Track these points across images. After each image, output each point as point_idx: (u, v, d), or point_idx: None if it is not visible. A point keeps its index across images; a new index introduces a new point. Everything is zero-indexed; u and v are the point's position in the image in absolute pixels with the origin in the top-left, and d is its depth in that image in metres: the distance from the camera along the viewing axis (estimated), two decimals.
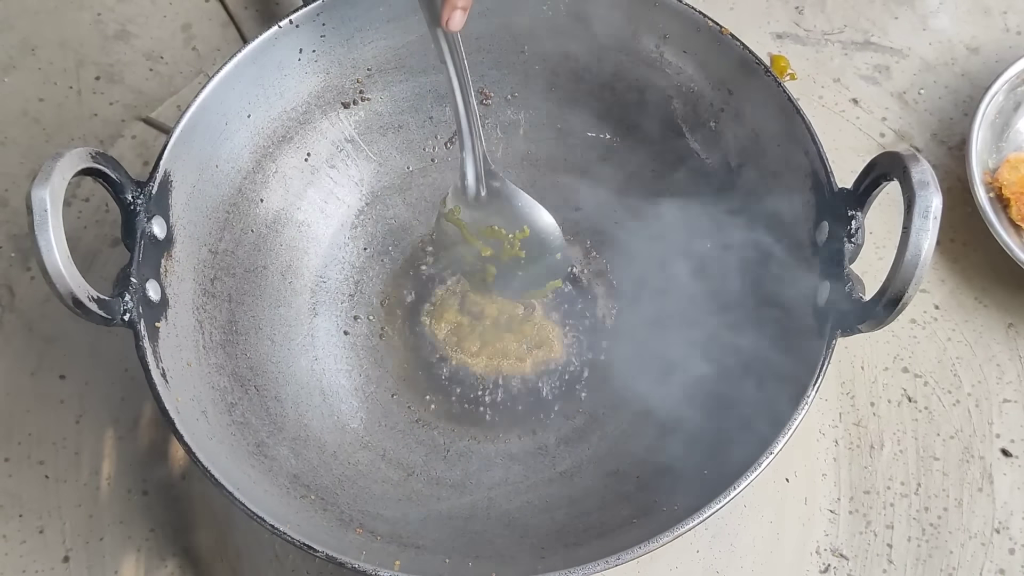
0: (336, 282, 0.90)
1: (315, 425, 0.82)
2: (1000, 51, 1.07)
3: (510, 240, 0.85)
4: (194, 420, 0.70)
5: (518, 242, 0.85)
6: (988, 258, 0.95)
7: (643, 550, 0.64)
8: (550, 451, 0.84)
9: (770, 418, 0.69)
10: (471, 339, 0.88)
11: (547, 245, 0.85)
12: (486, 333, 0.88)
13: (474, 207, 0.83)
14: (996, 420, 0.89)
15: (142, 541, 0.84)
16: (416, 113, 0.92)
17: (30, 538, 0.84)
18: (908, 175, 0.64)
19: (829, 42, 1.08)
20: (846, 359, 0.91)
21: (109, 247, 0.95)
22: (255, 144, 0.84)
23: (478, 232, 0.85)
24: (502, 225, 0.84)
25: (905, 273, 0.62)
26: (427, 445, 0.84)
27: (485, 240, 0.85)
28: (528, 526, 0.77)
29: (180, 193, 0.76)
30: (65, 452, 0.87)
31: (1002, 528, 0.85)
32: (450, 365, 0.88)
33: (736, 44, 0.80)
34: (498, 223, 0.84)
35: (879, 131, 1.02)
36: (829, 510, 0.86)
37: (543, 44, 0.89)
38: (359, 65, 0.88)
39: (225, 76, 0.79)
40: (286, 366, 0.84)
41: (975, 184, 0.92)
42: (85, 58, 1.06)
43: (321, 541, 0.64)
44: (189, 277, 0.77)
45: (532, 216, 0.84)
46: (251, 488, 0.69)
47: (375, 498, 0.78)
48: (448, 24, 0.69)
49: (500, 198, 0.83)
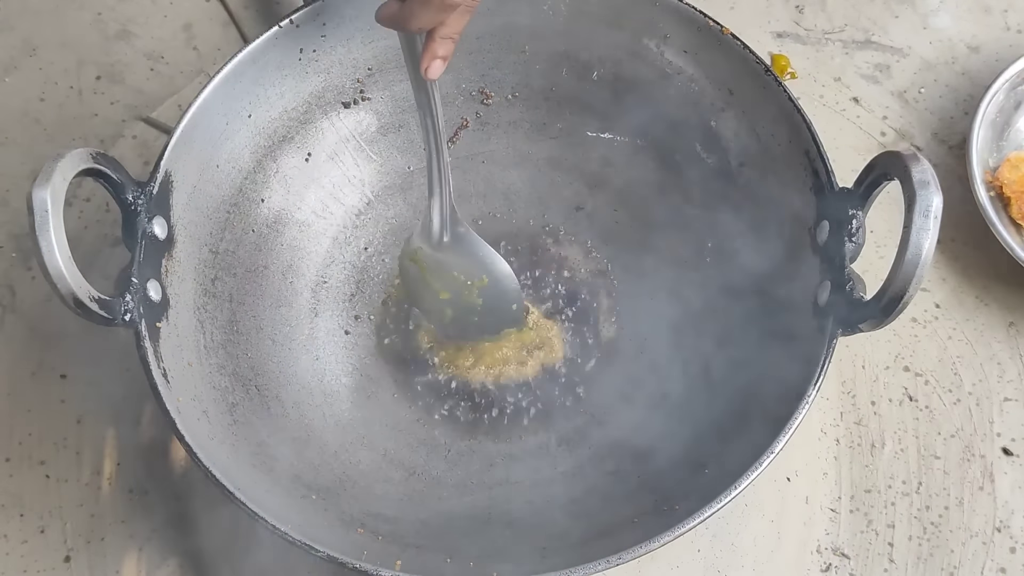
0: (337, 282, 0.90)
1: (316, 425, 0.82)
2: (1000, 50, 1.07)
3: (468, 287, 0.84)
4: (195, 420, 0.70)
5: (476, 290, 0.85)
6: (989, 257, 0.95)
7: (644, 549, 0.64)
8: (551, 451, 0.84)
9: (771, 417, 0.69)
10: (464, 354, 0.88)
11: (505, 295, 0.85)
12: (480, 348, 0.88)
13: (437, 250, 0.83)
14: (997, 419, 0.89)
15: (143, 541, 0.84)
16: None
17: (31, 538, 0.84)
18: (909, 174, 0.64)
19: (830, 41, 1.08)
20: (847, 358, 0.91)
21: (110, 247, 0.95)
22: (256, 144, 0.84)
23: (439, 275, 0.84)
24: (462, 272, 0.84)
25: (906, 272, 0.62)
26: (428, 445, 0.84)
27: (444, 284, 0.85)
28: (529, 526, 0.77)
29: (181, 193, 0.76)
30: (66, 452, 0.87)
31: (1003, 527, 0.85)
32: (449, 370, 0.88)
33: (737, 44, 0.80)
34: (459, 269, 0.84)
35: (880, 130, 1.02)
36: (830, 509, 0.86)
37: (544, 44, 0.89)
38: (360, 65, 0.88)
39: (226, 76, 0.79)
40: (287, 366, 0.84)
41: (976, 183, 0.92)
42: (86, 58, 1.06)
43: (322, 541, 0.64)
44: (190, 277, 0.77)
45: (492, 266, 0.83)
46: (252, 488, 0.68)
47: (376, 498, 0.78)
48: (427, 73, 0.69)
49: (463, 244, 0.83)
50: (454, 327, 0.87)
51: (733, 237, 0.84)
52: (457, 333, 0.87)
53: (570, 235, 0.93)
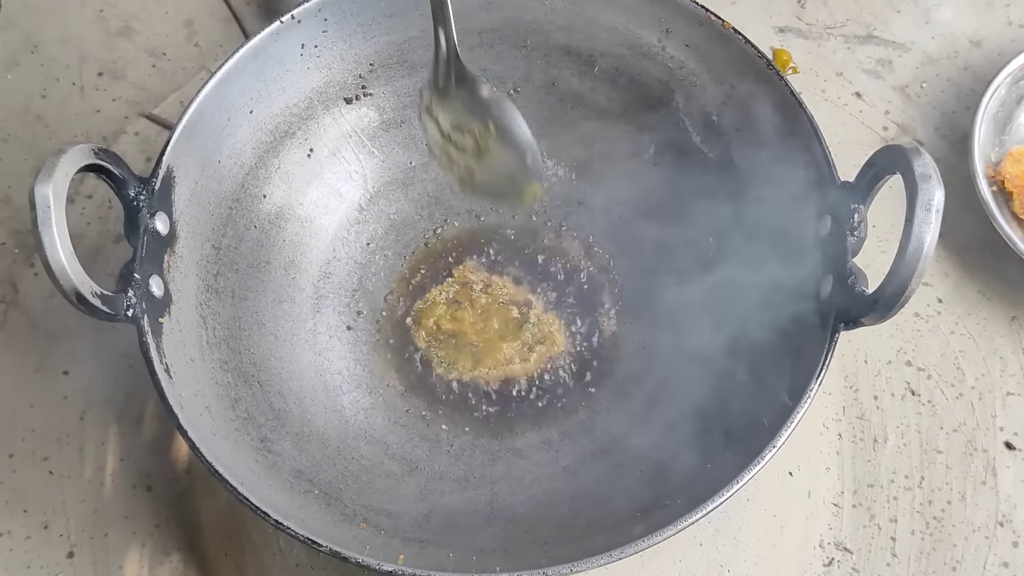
0: (339, 277, 0.90)
1: (319, 420, 0.82)
2: (1002, 44, 1.06)
3: (483, 132, 0.82)
4: (198, 416, 0.70)
5: (491, 136, 0.82)
6: (991, 251, 0.95)
7: (646, 544, 0.64)
8: (553, 445, 0.84)
9: (773, 412, 0.69)
10: (463, 358, 0.88)
11: (518, 141, 0.80)
12: (479, 351, 0.88)
13: (446, 97, 0.80)
14: (999, 413, 0.89)
15: (146, 536, 0.84)
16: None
17: (35, 534, 0.84)
18: (911, 168, 0.64)
19: (831, 36, 1.08)
20: (849, 352, 0.91)
21: (113, 243, 0.95)
22: (257, 140, 0.84)
23: (452, 117, 0.82)
24: (473, 115, 0.81)
25: (908, 267, 0.63)
26: (430, 440, 0.84)
27: (459, 132, 0.82)
28: (532, 520, 0.77)
29: (183, 189, 0.76)
30: (69, 448, 0.87)
31: (1005, 521, 0.85)
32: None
33: (738, 38, 0.80)
34: (469, 112, 0.81)
35: (882, 124, 1.02)
36: (833, 503, 0.86)
37: (546, 39, 0.89)
38: (361, 60, 0.88)
39: (227, 72, 0.79)
40: (289, 361, 0.84)
41: (978, 178, 0.92)
42: (88, 54, 1.06)
43: (325, 536, 0.64)
44: (192, 273, 0.78)
45: (500, 108, 0.80)
46: (255, 483, 0.69)
47: (379, 493, 0.78)
48: None
49: (468, 87, 0.79)
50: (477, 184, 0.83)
51: (735, 231, 0.84)
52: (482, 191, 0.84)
53: (572, 230, 0.93)
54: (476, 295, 0.90)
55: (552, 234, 0.93)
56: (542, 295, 0.90)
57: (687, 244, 0.87)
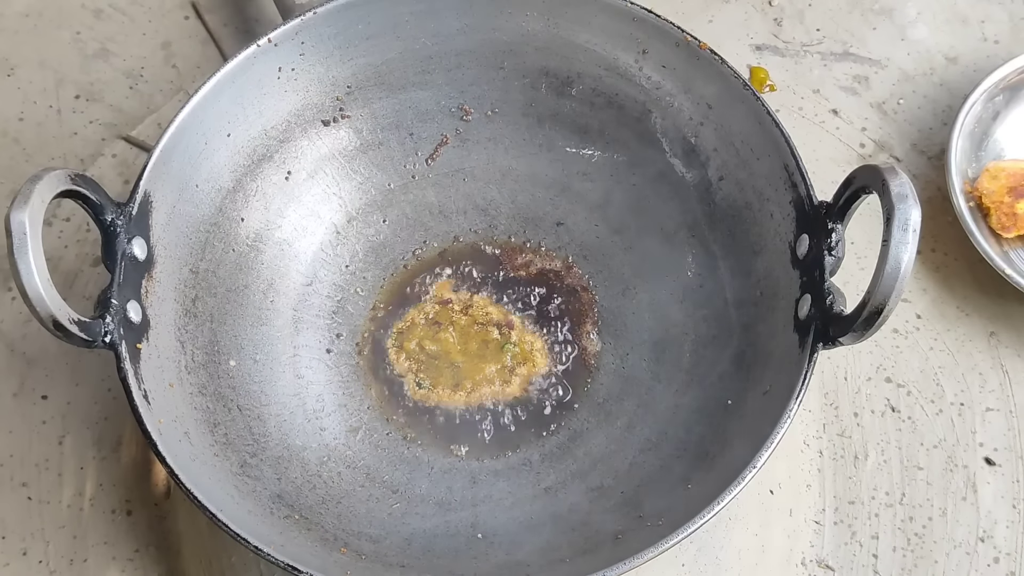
0: (318, 300, 0.90)
1: (298, 444, 0.81)
2: (978, 60, 1.07)
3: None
4: (176, 441, 0.70)
5: None
6: (969, 267, 0.95)
7: (628, 566, 0.64)
8: (534, 467, 0.84)
9: (753, 431, 0.69)
10: (444, 379, 0.88)
11: None
12: (459, 373, 0.88)
13: None
14: (979, 429, 0.89)
15: (126, 562, 0.84)
16: (396, 130, 0.92)
17: (13, 560, 0.84)
18: (887, 188, 0.64)
19: (808, 53, 1.09)
20: (829, 370, 0.91)
21: (90, 266, 0.95)
22: (235, 163, 0.84)
23: None
24: None
25: (885, 286, 0.63)
26: (411, 463, 0.84)
27: None
28: (513, 543, 0.77)
29: (160, 214, 0.76)
30: (48, 473, 0.87)
31: (986, 537, 0.85)
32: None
33: (715, 59, 0.81)
34: None
35: (859, 141, 1.03)
36: (814, 521, 0.86)
37: (523, 60, 0.89)
38: (339, 83, 0.88)
39: (204, 96, 0.79)
40: (269, 385, 0.83)
41: (955, 194, 0.92)
42: (64, 77, 1.06)
43: (305, 562, 0.64)
44: (170, 298, 0.77)
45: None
46: (234, 509, 0.68)
47: (359, 517, 0.78)
48: None
49: None
50: None
51: (713, 251, 0.85)
52: None
53: (551, 250, 0.93)
54: (456, 316, 0.90)
55: (531, 254, 0.93)
56: (522, 315, 0.90)
57: (666, 263, 0.88)
